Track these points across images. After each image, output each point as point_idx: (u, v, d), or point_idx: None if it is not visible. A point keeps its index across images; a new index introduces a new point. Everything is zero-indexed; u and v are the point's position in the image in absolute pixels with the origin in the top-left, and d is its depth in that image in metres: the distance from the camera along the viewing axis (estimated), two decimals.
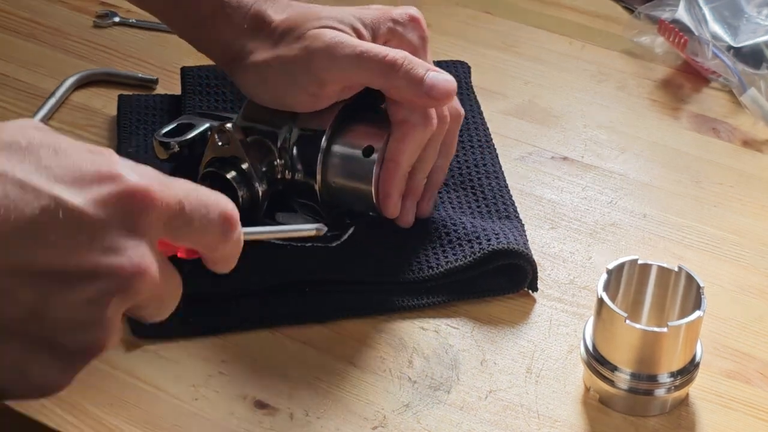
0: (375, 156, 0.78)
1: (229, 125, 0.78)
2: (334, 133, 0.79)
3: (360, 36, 0.78)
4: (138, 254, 0.52)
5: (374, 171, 0.78)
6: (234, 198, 0.78)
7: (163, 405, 0.70)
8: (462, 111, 0.83)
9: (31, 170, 0.50)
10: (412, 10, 0.80)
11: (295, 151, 0.79)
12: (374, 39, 0.79)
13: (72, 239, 0.51)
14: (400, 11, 0.80)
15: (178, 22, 0.84)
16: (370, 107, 0.80)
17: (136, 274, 0.52)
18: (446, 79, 0.77)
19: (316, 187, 0.79)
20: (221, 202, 0.57)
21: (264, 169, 0.79)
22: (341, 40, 0.76)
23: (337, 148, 0.79)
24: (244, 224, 0.61)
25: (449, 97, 0.78)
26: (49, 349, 0.52)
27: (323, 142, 0.78)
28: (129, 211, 0.52)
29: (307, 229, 0.69)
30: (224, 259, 0.60)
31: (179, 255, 0.58)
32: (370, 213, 0.80)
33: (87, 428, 0.69)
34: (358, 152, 0.78)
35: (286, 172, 0.79)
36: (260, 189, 0.78)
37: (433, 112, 0.78)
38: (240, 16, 0.79)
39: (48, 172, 0.51)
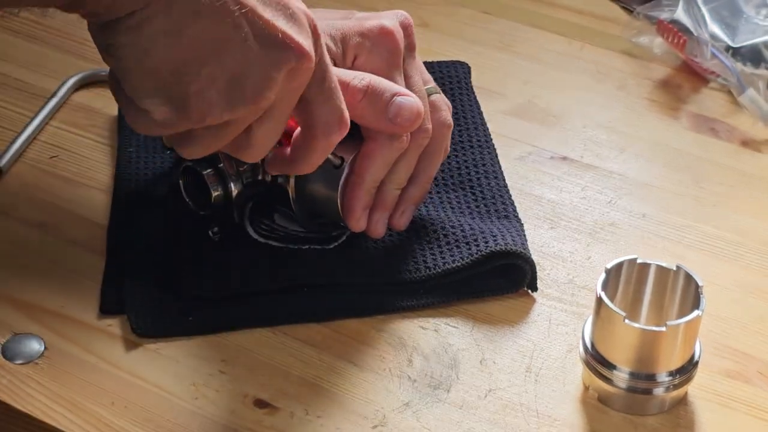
0: (344, 167, 0.78)
1: None
2: None
3: (331, 54, 0.75)
4: (313, 50, 0.68)
5: (341, 183, 0.78)
6: (207, 195, 0.78)
7: (163, 404, 0.71)
8: (450, 122, 0.81)
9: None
10: (388, 22, 0.78)
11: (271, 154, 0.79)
12: (344, 54, 0.77)
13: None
14: (373, 24, 0.78)
15: None
16: None
17: (308, 58, 0.68)
18: (411, 106, 0.75)
19: (290, 193, 0.79)
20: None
21: (242, 169, 0.78)
22: None
23: None
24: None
25: (414, 123, 0.76)
26: (230, 83, 0.66)
27: None
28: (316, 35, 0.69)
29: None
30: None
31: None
32: (341, 224, 0.80)
33: (88, 426, 0.69)
34: (329, 163, 0.77)
35: (267, 174, 0.79)
36: (234, 189, 0.78)
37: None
38: None
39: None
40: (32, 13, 0.86)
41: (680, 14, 1.02)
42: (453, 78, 0.96)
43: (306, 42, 0.68)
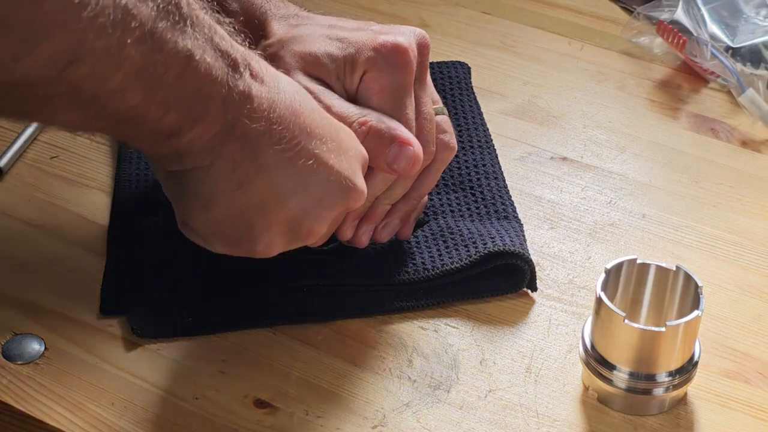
0: None
1: None
2: None
3: (337, 76, 0.76)
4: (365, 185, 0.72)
5: None
6: None
7: (163, 404, 0.71)
8: (454, 145, 0.80)
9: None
10: (403, 39, 0.76)
11: None
12: (353, 68, 0.76)
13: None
14: (388, 39, 0.76)
15: None
16: None
17: (362, 197, 0.72)
18: (408, 156, 0.74)
19: None
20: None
21: None
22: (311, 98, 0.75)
23: None
24: None
25: (411, 170, 0.75)
26: (288, 226, 0.69)
27: None
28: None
29: None
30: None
31: None
32: None
33: (88, 427, 0.69)
34: None
35: None
36: None
37: None
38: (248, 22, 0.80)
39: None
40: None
41: (680, 14, 1.02)
42: (453, 78, 0.96)
43: (360, 180, 0.71)
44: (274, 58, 0.76)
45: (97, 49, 0.54)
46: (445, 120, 0.80)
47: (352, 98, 0.77)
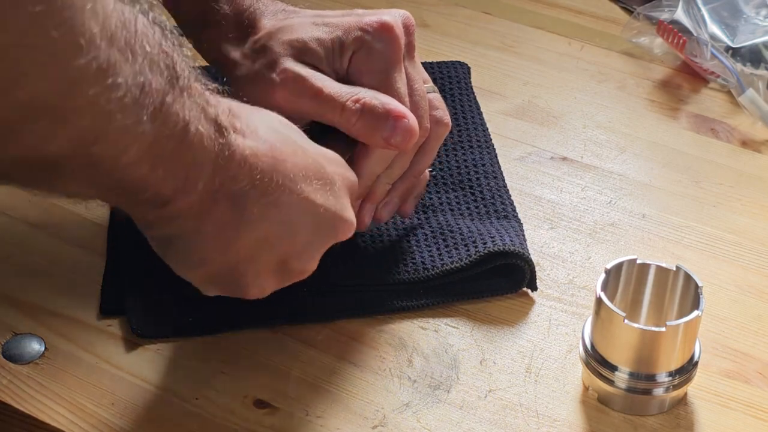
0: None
1: None
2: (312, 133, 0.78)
3: (326, 59, 0.77)
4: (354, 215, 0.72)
5: None
6: None
7: (164, 404, 0.71)
8: (448, 121, 0.80)
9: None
10: (388, 17, 0.77)
11: None
12: (342, 49, 0.76)
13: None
14: (373, 18, 0.77)
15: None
16: None
17: (351, 228, 0.71)
18: (405, 128, 0.74)
19: None
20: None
21: None
22: (303, 84, 0.75)
23: None
24: None
25: (408, 143, 0.75)
26: (280, 266, 0.69)
27: None
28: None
29: None
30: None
31: None
32: None
33: (88, 427, 0.69)
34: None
35: None
36: None
37: None
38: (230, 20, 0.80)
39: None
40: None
41: (680, 15, 1.02)
42: (453, 78, 0.96)
43: (348, 213, 0.71)
44: (263, 50, 0.77)
45: (119, 128, 0.55)
46: (437, 97, 0.81)
47: (343, 80, 0.77)
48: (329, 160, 0.71)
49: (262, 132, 0.66)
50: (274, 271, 0.69)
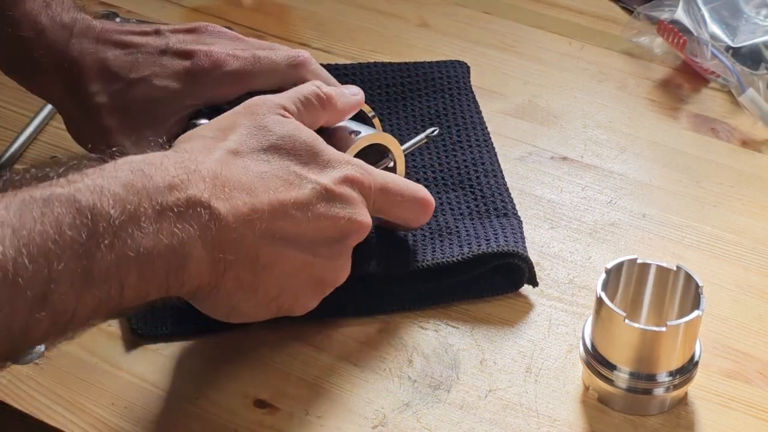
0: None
1: (203, 120, 0.78)
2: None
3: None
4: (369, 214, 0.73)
5: None
6: None
7: (164, 404, 0.71)
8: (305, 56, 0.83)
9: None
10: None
11: None
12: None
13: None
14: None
15: None
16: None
17: (367, 228, 0.72)
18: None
19: None
20: (420, 188, 0.77)
21: None
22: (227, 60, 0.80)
23: None
24: None
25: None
26: (313, 285, 0.71)
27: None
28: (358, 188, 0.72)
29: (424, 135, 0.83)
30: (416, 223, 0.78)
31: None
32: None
33: (89, 427, 0.69)
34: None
35: None
36: None
37: None
38: None
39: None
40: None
41: (680, 14, 1.02)
42: (452, 78, 0.96)
43: (364, 215, 0.72)
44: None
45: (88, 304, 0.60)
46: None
47: None
48: (328, 160, 0.72)
49: (230, 178, 0.67)
50: (312, 287, 0.71)
